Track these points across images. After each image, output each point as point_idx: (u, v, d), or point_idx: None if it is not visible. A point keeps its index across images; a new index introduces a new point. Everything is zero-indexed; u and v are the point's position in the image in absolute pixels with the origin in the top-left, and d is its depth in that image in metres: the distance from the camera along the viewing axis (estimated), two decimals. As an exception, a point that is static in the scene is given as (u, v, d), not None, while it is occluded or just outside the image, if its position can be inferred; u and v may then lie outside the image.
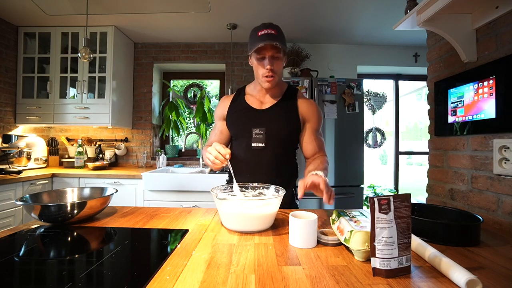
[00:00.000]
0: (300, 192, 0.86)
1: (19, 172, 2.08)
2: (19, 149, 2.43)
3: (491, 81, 0.99)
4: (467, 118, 1.10)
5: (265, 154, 1.08)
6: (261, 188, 0.95)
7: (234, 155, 1.13)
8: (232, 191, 0.95)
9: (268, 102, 1.12)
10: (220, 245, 0.69)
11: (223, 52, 3.02)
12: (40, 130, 2.89)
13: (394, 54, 3.07)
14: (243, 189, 0.96)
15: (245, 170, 1.10)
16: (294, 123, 1.10)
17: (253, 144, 1.08)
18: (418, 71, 3.16)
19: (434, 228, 0.72)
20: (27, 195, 0.90)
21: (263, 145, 1.08)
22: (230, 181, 1.19)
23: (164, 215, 0.97)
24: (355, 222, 0.67)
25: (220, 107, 1.18)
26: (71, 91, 2.61)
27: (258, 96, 1.13)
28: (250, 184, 0.97)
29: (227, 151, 0.92)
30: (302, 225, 0.67)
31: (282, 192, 0.85)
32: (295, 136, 1.13)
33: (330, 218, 0.80)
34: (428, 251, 0.59)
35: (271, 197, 0.86)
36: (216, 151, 0.92)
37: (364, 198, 2.54)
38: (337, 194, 2.29)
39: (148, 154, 3.01)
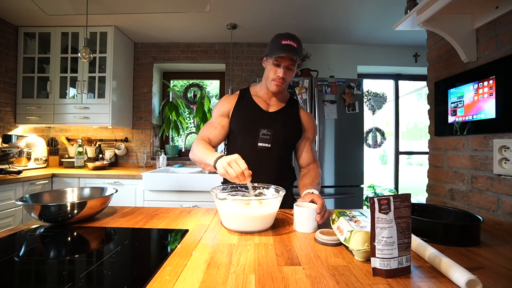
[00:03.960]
0: (318, 217, 0.81)
1: (19, 172, 2.08)
2: (19, 149, 2.43)
3: (491, 81, 0.99)
4: (467, 118, 1.10)
5: (270, 155, 1.11)
6: (261, 188, 0.95)
7: (237, 152, 1.12)
8: (232, 191, 0.96)
9: (274, 105, 1.15)
10: (220, 245, 0.69)
11: (223, 52, 3.02)
12: (40, 130, 2.89)
13: (394, 54, 3.07)
14: (243, 189, 0.96)
15: (249, 168, 1.10)
16: (298, 129, 1.16)
17: (259, 144, 1.10)
18: (418, 71, 3.16)
19: (434, 228, 0.72)
20: (27, 195, 0.90)
21: (269, 145, 1.10)
22: (225, 181, 1.17)
23: (164, 215, 0.97)
24: (355, 222, 0.67)
25: (225, 103, 1.16)
26: (71, 91, 2.61)
27: (265, 98, 1.15)
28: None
29: (249, 173, 0.83)
30: (304, 212, 0.80)
31: (282, 192, 0.85)
32: (296, 142, 1.18)
33: (330, 218, 0.79)
34: (428, 251, 0.59)
35: (271, 197, 0.86)
36: (239, 168, 0.82)
37: (364, 198, 2.54)
38: (337, 194, 2.29)
39: (148, 154, 3.01)
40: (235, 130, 1.14)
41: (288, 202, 1.13)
